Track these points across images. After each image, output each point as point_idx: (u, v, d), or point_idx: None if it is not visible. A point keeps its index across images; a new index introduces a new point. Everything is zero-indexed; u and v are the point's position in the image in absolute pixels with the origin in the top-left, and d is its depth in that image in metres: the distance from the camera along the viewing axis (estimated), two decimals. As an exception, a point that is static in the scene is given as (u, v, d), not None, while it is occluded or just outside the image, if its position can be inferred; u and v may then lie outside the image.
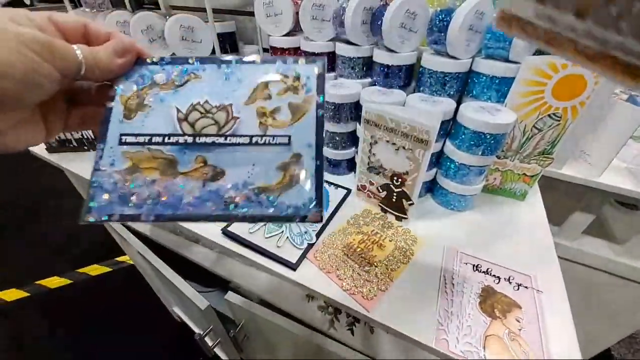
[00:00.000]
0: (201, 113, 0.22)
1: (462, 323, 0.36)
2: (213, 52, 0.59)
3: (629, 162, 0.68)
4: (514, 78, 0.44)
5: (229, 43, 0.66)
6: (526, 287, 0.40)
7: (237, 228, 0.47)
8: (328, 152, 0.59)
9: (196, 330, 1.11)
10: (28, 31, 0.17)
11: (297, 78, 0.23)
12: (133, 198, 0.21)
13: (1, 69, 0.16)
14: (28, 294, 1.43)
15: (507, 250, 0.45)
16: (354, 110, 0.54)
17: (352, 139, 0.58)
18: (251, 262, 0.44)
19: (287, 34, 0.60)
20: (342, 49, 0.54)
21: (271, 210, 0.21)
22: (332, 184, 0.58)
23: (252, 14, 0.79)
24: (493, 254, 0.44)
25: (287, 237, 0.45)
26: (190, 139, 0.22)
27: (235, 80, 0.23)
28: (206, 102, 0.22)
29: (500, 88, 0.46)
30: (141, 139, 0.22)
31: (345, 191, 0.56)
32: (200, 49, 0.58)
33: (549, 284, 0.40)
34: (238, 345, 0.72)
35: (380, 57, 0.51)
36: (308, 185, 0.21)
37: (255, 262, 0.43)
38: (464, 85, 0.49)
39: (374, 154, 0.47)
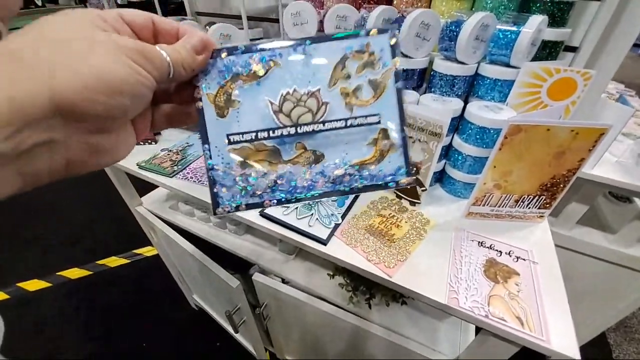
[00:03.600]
0: (293, 103, 0.23)
1: (469, 286, 0.43)
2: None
3: (620, 156, 0.74)
4: (514, 81, 0.51)
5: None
6: (524, 259, 0.47)
7: (273, 211, 0.54)
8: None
9: (216, 316, 1.18)
10: (124, 40, 0.16)
11: (367, 47, 0.23)
12: (254, 189, 0.24)
13: (119, 85, 0.16)
14: (50, 284, 1.50)
15: (508, 231, 0.52)
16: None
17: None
18: (286, 240, 0.51)
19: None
20: (361, 55, 0.61)
21: (372, 180, 0.24)
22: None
23: (275, 20, 0.86)
24: (496, 234, 0.51)
25: (317, 219, 0.52)
26: (292, 130, 0.23)
27: (313, 63, 0.23)
28: (295, 90, 0.23)
29: (502, 89, 0.53)
30: (247, 137, 0.23)
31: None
32: (235, 54, 0.65)
33: (544, 257, 0.47)
34: (262, 323, 0.79)
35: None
36: (397, 155, 0.24)
37: (291, 239, 0.50)
38: (470, 87, 0.56)
39: (392, 147, 0.54)
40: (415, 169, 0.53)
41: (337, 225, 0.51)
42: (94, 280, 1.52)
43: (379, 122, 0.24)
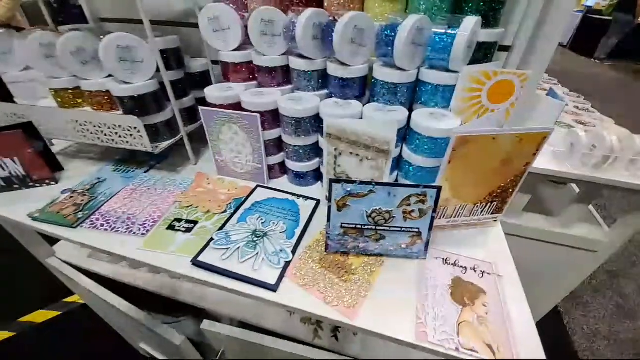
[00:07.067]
0: (378, 214, 0.42)
1: (437, 314, 0.39)
2: (158, 70, 0.55)
3: (554, 146, 0.78)
4: (454, 86, 0.49)
5: (174, 59, 0.62)
6: (489, 273, 0.44)
7: (207, 257, 0.45)
8: (294, 165, 0.59)
9: (171, 363, 1.04)
10: None
11: (424, 195, 0.40)
12: (348, 245, 0.45)
13: None
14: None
15: (466, 240, 0.50)
16: (315, 122, 0.55)
17: (315, 150, 0.59)
18: (228, 290, 0.42)
19: (238, 48, 0.59)
20: (296, 63, 0.55)
21: (405, 253, 0.46)
22: (300, 196, 0.58)
23: (196, 25, 0.75)
24: (456, 246, 0.48)
25: (263, 259, 0.45)
26: (373, 227, 0.43)
27: (394, 196, 0.40)
28: (380, 208, 0.41)
29: (445, 95, 0.50)
30: (351, 226, 0.43)
31: (314, 202, 0.57)
32: (142, 68, 0.54)
33: (505, 265, 0.45)
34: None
35: (335, 70, 0.52)
36: (422, 244, 0.45)
37: (232, 290, 0.42)
38: (413, 93, 0.53)
39: (339, 165, 0.49)
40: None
41: (287, 264, 0.45)
42: (19, 343, 1.26)
43: (418, 231, 0.44)
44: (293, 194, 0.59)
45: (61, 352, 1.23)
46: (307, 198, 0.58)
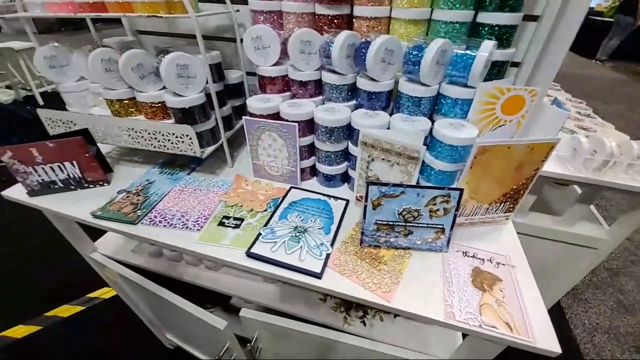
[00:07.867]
0: (408, 212, 0.49)
1: (461, 297, 0.45)
2: (206, 83, 0.62)
3: (558, 151, 0.85)
4: (471, 99, 0.55)
5: (216, 73, 0.69)
6: (504, 264, 0.51)
7: (259, 249, 0.51)
8: (324, 168, 0.66)
9: (196, 353, 1.10)
10: None
11: (449, 196, 0.47)
12: (380, 239, 0.52)
13: None
14: (-13, 350, 1.28)
15: (482, 236, 0.56)
16: (346, 131, 0.61)
17: (344, 155, 0.66)
18: (278, 278, 0.49)
19: (275, 63, 0.66)
20: (329, 78, 0.61)
21: (429, 247, 0.52)
22: (331, 197, 0.65)
23: (231, 39, 0.82)
24: (474, 241, 0.55)
25: (307, 251, 0.51)
26: (403, 223, 0.50)
27: (422, 197, 0.47)
28: (410, 207, 0.48)
29: (463, 107, 0.57)
30: (384, 222, 0.50)
31: (344, 202, 0.63)
32: (195, 83, 0.61)
33: (518, 258, 0.52)
34: (254, 357, 0.76)
35: (365, 85, 0.59)
36: (445, 239, 0.52)
37: (283, 277, 0.48)
38: (434, 105, 0.60)
39: (370, 170, 0.55)
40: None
41: (328, 255, 0.51)
42: (46, 336, 1.33)
43: (442, 227, 0.51)
44: (324, 195, 0.66)
45: (86, 346, 1.29)
46: (338, 198, 0.65)
